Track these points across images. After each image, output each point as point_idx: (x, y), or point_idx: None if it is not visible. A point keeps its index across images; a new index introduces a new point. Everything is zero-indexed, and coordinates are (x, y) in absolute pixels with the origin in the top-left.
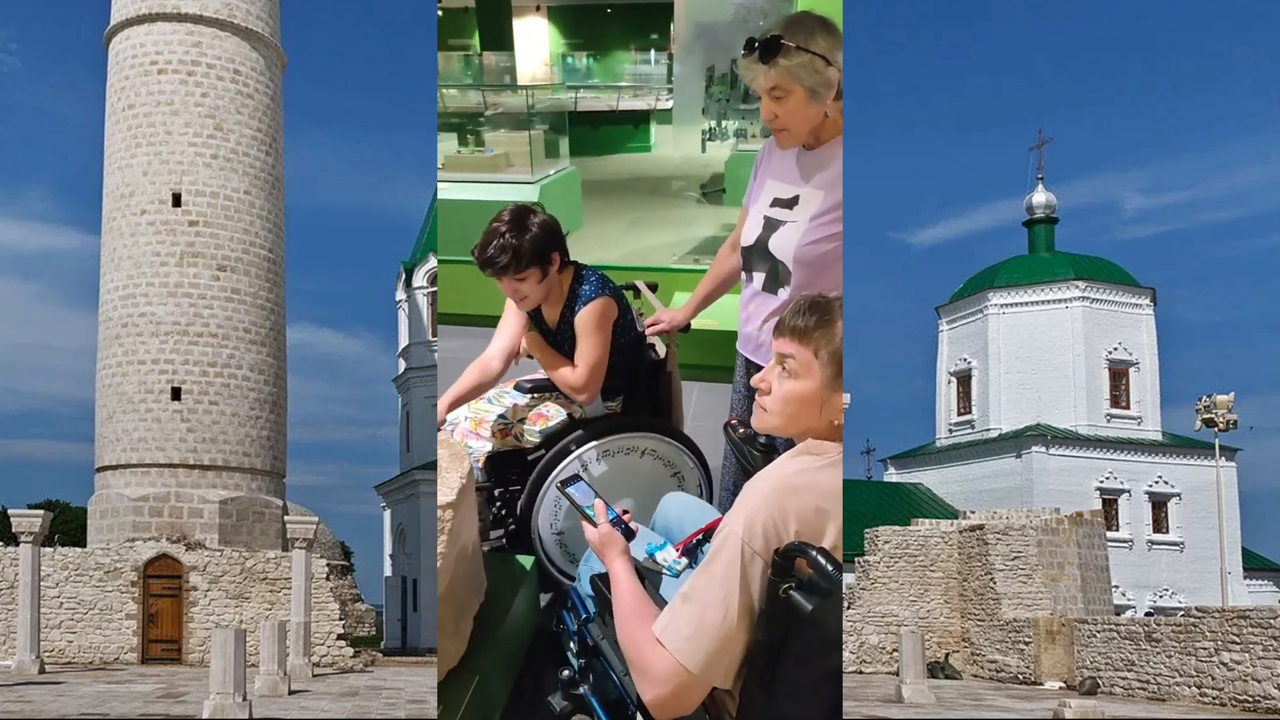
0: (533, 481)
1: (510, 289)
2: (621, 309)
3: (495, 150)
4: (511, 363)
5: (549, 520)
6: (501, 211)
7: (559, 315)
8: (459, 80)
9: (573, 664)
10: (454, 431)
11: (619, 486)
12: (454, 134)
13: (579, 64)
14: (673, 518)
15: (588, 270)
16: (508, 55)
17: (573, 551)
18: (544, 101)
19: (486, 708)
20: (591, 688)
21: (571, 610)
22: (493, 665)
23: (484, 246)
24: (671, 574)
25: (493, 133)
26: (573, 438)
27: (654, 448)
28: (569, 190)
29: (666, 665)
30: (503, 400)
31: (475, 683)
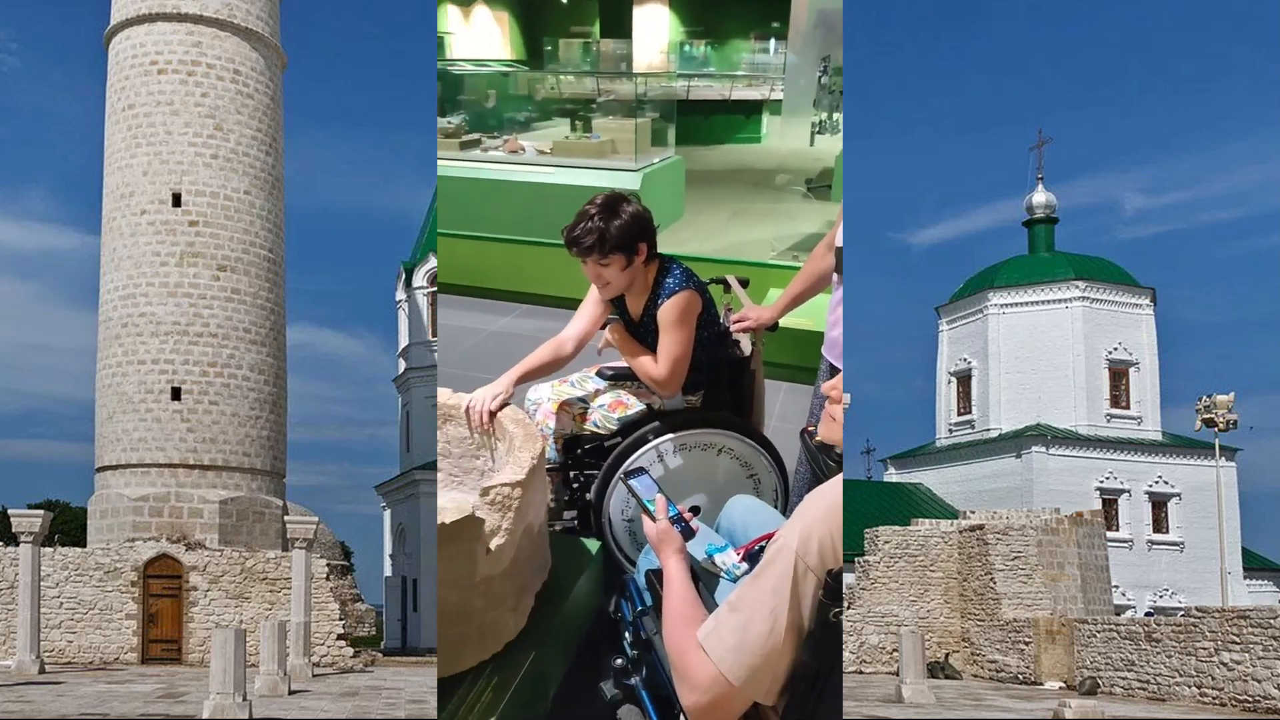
0: (607, 467)
1: (593, 274)
2: (705, 303)
3: (602, 136)
4: (583, 348)
5: (620, 507)
6: (596, 196)
7: (642, 307)
8: (576, 66)
9: (627, 653)
10: (535, 411)
11: (692, 483)
12: (566, 119)
13: (696, 52)
14: (737, 521)
15: (673, 263)
16: (626, 43)
17: (641, 540)
18: (656, 89)
19: (541, 684)
20: (643, 680)
21: (629, 600)
22: (551, 644)
23: (572, 227)
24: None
25: (602, 119)
26: (650, 428)
27: (732, 447)
28: (672, 178)
29: (707, 673)
30: (585, 385)
31: (531, 658)
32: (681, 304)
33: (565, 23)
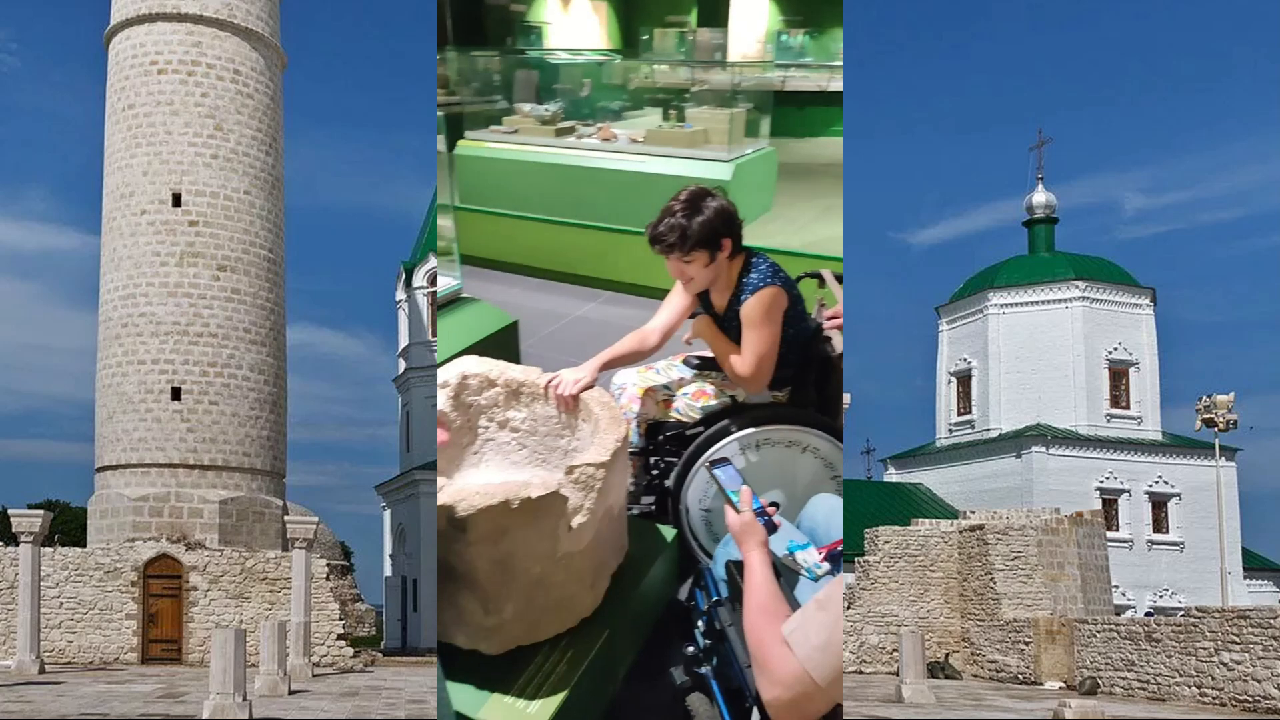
0: (688, 456)
1: (676, 270)
2: (793, 299)
3: (695, 126)
4: (667, 340)
5: (698, 497)
6: (681, 191)
7: (727, 302)
8: (671, 56)
9: (699, 642)
10: (620, 395)
11: (773, 478)
12: (659, 108)
13: (793, 42)
14: (820, 520)
15: (758, 258)
16: (722, 32)
17: (717, 531)
18: (751, 79)
19: (612, 664)
20: (714, 670)
21: (704, 589)
22: (624, 625)
23: (656, 224)
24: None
25: (696, 109)
26: (732, 420)
27: (816, 445)
28: (764, 171)
29: (791, 669)
30: (670, 372)
31: (605, 637)
32: (766, 300)
33: (662, 12)
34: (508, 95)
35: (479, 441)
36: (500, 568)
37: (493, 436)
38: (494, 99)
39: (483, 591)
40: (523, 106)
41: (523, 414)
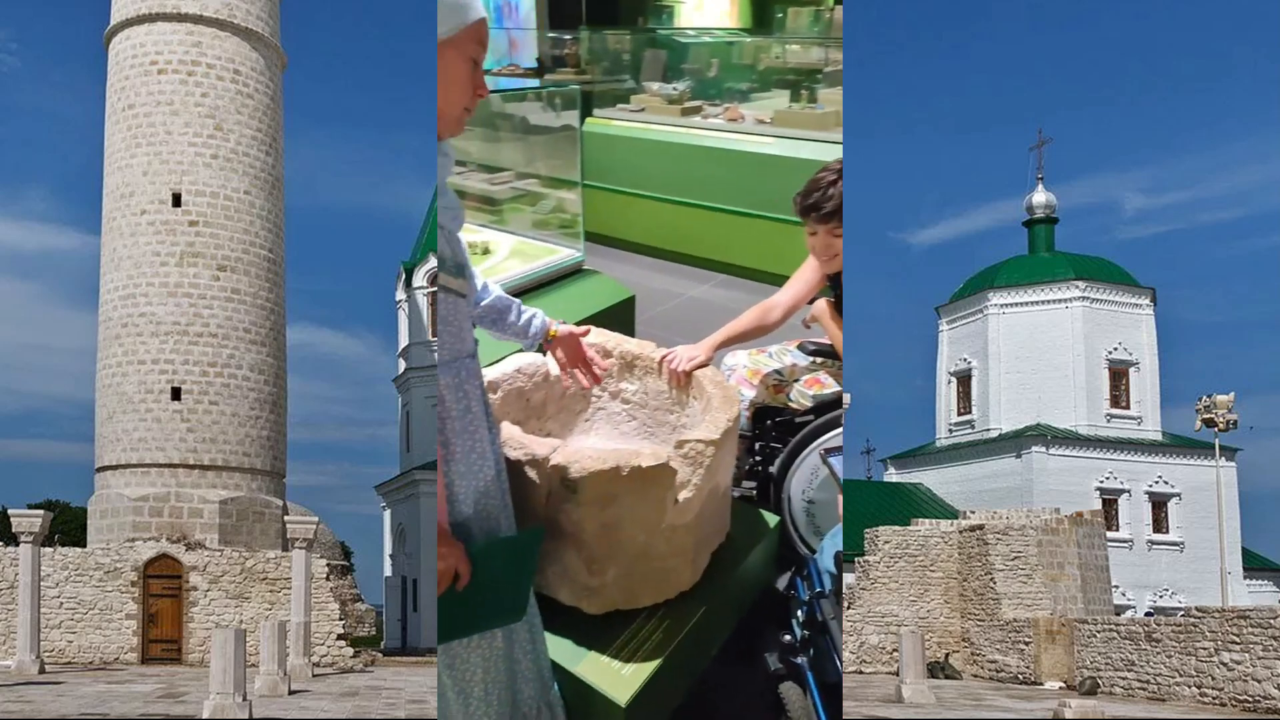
0: (796, 443)
1: (823, 243)
2: None
3: (826, 108)
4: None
5: (802, 486)
6: (832, 163)
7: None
8: (804, 35)
9: (795, 632)
10: (730, 376)
11: None
12: (786, 90)
13: None
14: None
15: None
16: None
17: (819, 523)
18: None
19: (707, 639)
20: (810, 662)
21: (806, 580)
22: (721, 604)
23: (807, 193)
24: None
25: (828, 89)
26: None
27: None
28: None
29: None
30: (784, 357)
31: (701, 613)
32: None
33: None
34: (636, 75)
35: (591, 409)
36: (606, 531)
37: (605, 405)
38: (623, 78)
39: (588, 552)
40: (650, 85)
41: (635, 386)
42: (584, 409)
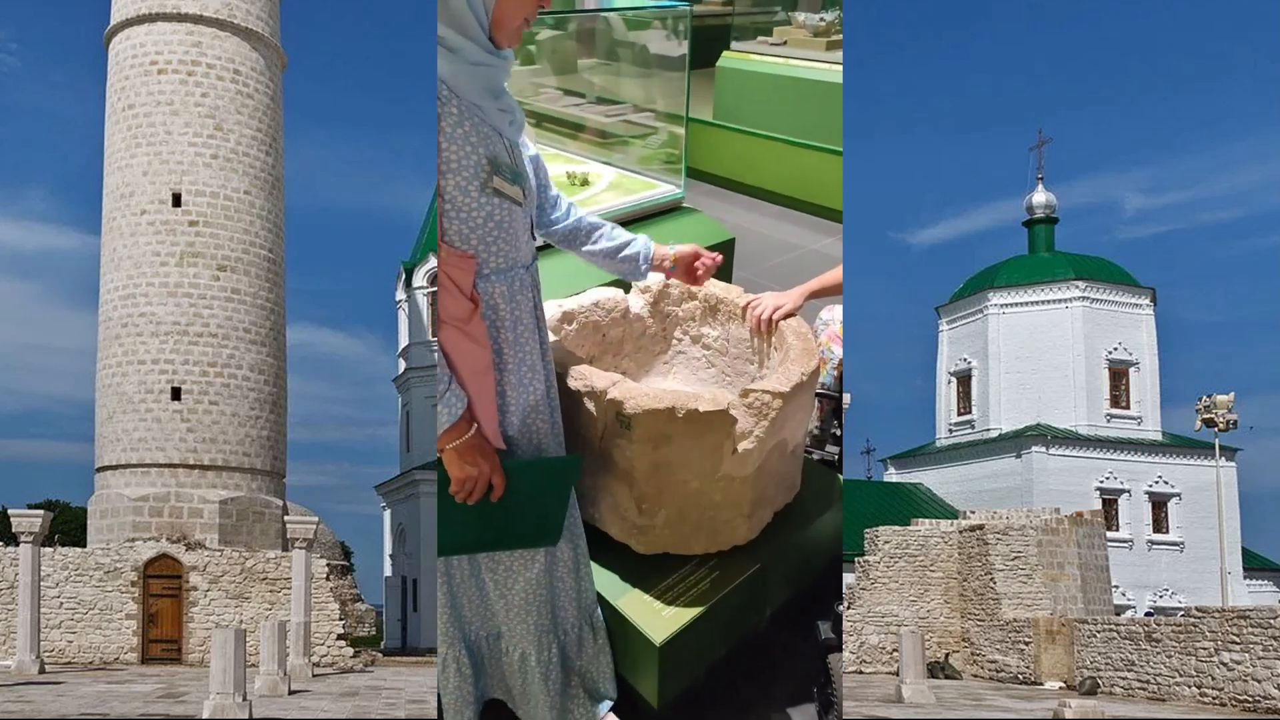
0: None
1: None
2: None
3: None
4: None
5: None
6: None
7: None
8: None
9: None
10: (821, 332)
11: None
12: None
13: None
14: None
15: None
16: None
17: None
18: None
19: (759, 596)
20: None
21: None
22: (779, 564)
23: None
24: None
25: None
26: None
27: None
28: None
29: None
30: None
31: (754, 570)
32: None
33: None
34: (788, 4)
35: (670, 352)
36: (658, 471)
37: (685, 349)
38: (772, 9)
39: (639, 491)
40: (797, 16)
41: (717, 332)
42: (663, 350)
